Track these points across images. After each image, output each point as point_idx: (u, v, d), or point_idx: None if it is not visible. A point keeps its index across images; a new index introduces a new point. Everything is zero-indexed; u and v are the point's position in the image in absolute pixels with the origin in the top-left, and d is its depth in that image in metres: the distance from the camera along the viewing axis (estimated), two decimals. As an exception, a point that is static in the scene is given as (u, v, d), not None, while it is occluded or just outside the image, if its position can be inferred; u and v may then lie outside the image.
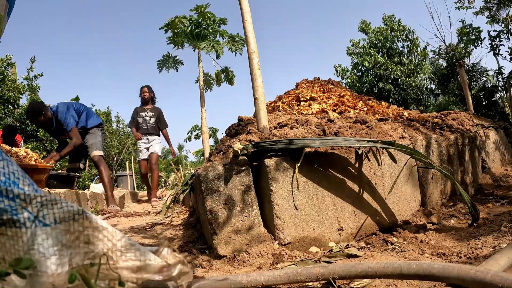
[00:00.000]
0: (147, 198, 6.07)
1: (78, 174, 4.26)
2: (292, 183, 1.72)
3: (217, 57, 7.14)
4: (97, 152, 4.03)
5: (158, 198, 6.19)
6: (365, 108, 3.13)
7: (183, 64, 7.55)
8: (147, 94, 5.78)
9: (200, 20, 6.85)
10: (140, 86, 5.90)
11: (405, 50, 14.09)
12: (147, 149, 5.69)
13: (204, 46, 6.84)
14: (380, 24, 14.49)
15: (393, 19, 14.27)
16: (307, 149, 1.75)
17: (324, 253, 1.65)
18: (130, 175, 10.44)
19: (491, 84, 10.18)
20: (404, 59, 13.52)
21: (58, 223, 0.72)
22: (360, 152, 1.91)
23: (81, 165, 4.36)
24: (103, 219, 3.42)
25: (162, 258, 0.78)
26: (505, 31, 8.67)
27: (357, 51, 14.37)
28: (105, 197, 4.16)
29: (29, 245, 0.70)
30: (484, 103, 9.73)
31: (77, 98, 12.39)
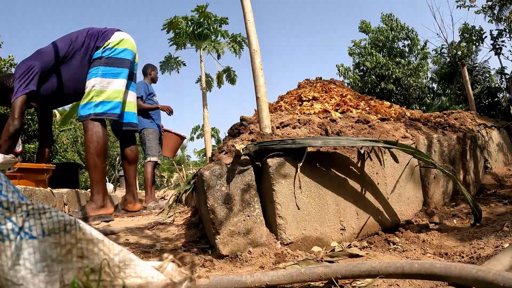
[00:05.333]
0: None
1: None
2: (294, 182, 1.73)
3: (218, 57, 7.18)
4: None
5: (161, 198, 6.20)
6: (367, 108, 3.13)
7: (185, 65, 7.58)
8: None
9: (201, 20, 6.88)
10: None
11: (406, 49, 14.07)
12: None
13: (206, 46, 6.87)
14: (379, 23, 14.48)
15: (391, 17, 14.23)
16: (309, 149, 1.75)
17: (326, 252, 1.65)
18: (132, 175, 10.42)
19: (494, 84, 10.15)
20: (403, 61, 13.48)
21: (47, 235, 0.64)
22: (362, 151, 1.91)
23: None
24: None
25: (166, 275, 0.70)
26: (507, 30, 8.64)
27: (358, 51, 14.36)
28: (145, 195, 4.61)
29: (13, 260, 0.61)
30: (486, 102, 9.70)
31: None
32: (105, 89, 2.68)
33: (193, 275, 0.72)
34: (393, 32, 13.82)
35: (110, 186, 5.72)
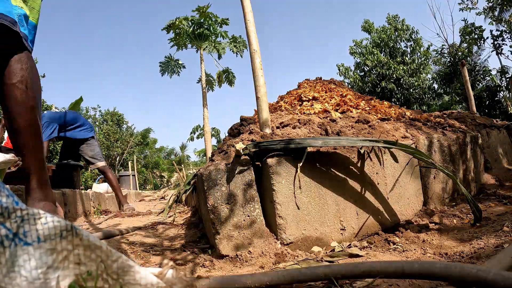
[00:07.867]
0: (150, 197, 5.75)
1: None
2: (294, 182, 1.73)
3: (219, 57, 7.18)
4: (101, 163, 4.30)
5: (161, 198, 6.20)
6: (367, 108, 3.13)
7: (185, 68, 7.58)
8: None
9: (202, 20, 6.88)
10: (145, 85, 5.27)
11: (408, 50, 14.09)
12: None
13: (206, 46, 6.87)
14: (383, 23, 14.53)
15: (397, 18, 14.29)
16: (309, 149, 1.75)
17: (326, 252, 1.65)
18: (132, 175, 10.48)
19: (494, 83, 10.15)
20: (407, 59, 13.51)
21: (42, 241, 0.62)
22: (362, 151, 1.91)
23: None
24: (107, 219, 3.43)
25: (166, 282, 0.69)
26: (507, 31, 8.65)
27: (359, 50, 14.37)
28: (117, 200, 4.32)
29: (8, 267, 0.59)
30: (487, 102, 9.71)
31: (80, 99, 12.44)
32: None
33: (193, 282, 0.71)
34: (396, 32, 13.85)
35: (102, 186, 5.69)
